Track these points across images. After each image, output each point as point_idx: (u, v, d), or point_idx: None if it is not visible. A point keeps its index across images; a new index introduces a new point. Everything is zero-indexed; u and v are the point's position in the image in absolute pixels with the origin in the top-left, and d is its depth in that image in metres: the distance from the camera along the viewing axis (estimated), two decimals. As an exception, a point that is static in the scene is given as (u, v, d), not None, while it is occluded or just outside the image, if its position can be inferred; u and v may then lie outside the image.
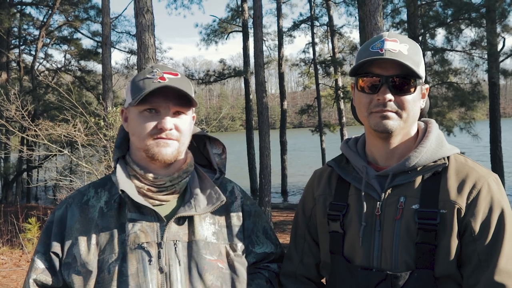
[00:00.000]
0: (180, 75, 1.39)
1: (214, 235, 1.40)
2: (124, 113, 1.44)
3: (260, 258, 1.52)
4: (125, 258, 1.31)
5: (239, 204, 1.52)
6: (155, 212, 1.34)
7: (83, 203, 1.42)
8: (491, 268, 1.19)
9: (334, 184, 1.46)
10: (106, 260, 1.32)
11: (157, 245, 1.32)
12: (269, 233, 1.57)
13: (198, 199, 1.40)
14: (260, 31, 11.22)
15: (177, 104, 1.36)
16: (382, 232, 1.30)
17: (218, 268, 1.36)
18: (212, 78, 20.14)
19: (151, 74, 1.36)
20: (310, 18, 21.16)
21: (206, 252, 1.36)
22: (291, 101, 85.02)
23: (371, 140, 1.40)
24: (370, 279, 1.28)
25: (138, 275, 1.28)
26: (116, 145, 1.48)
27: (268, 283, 1.50)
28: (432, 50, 13.58)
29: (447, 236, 1.23)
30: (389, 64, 1.27)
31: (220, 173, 1.54)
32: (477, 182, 1.26)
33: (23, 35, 20.33)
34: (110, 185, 1.44)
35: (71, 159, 8.60)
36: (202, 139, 1.58)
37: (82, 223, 1.37)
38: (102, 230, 1.35)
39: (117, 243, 1.33)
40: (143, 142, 1.36)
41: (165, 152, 1.35)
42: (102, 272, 1.31)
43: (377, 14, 6.88)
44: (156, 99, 1.33)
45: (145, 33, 7.19)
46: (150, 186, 1.38)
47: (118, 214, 1.37)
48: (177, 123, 1.36)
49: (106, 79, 11.86)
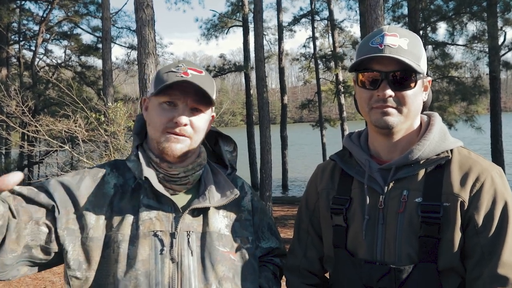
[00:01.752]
0: (204, 73, 1.41)
1: (227, 228, 1.43)
2: (146, 102, 1.46)
3: (266, 253, 1.56)
4: (136, 242, 1.30)
5: (249, 199, 1.55)
6: (173, 203, 1.36)
7: (99, 177, 1.42)
8: (494, 260, 1.19)
9: (337, 178, 1.46)
10: (112, 238, 1.31)
11: (170, 235, 1.33)
12: (274, 229, 1.62)
13: (212, 191, 1.42)
14: (261, 25, 11.20)
15: (195, 101, 1.37)
16: (385, 226, 1.30)
17: (230, 259, 1.38)
18: (212, 73, 20.07)
19: (176, 68, 1.39)
20: (311, 12, 21.11)
21: (219, 243, 1.38)
22: (292, 96, 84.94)
23: (373, 134, 1.40)
24: (373, 273, 1.29)
25: (149, 262, 1.29)
26: (135, 132, 1.50)
27: (273, 276, 1.54)
28: (433, 44, 13.54)
29: (451, 229, 1.23)
30: (389, 60, 1.27)
31: (232, 169, 1.57)
32: (481, 175, 1.26)
33: (22, 30, 20.28)
34: (124, 170, 1.45)
35: (72, 154, 8.60)
36: (214, 136, 1.61)
37: (96, 196, 1.37)
38: (114, 209, 1.35)
39: (126, 225, 1.33)
40: (157, 133, 1.38)
41: (175, 148, 1.36)
42: (107, 248, 1.31)
43: (378, 8, 6.85)
44: (175, 93, 1.36)
45: (145, 28, 7.17)
46: (165, 175, 1.39)
47: (131, 198, 1.38)
48: (193, 120, 1.38)
49: (106, 75, 11.85)
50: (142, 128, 1.50)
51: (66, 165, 10.89)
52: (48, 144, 8.61)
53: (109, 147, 7.28)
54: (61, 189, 1.35)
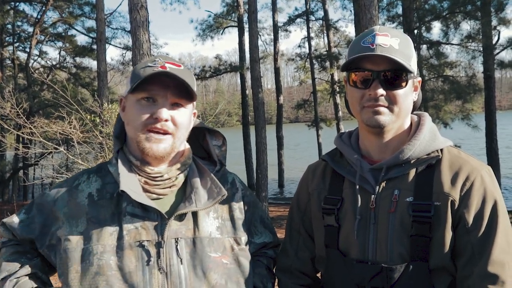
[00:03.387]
0: (183, 67, 1.34)
1: (218, 230, 1.36)
2: (123, 102, 1.38)
3: (259, 248, 1.52)
4: (120, 253, 1.25)
5: (240, 196, 1.48)
6: (158, 211, 1.29)
7: (73, 187, 1.36)
8: (485, 259, 1.20)
9: (329, 178, 1.46)
10: (90, 250, 1.25)
11: (157, 244, 1.27)
12: (266, 222, 1.57)
13: (198, 193, 1.35)
14: (255, 26, 11.20)
15: (175, 95, 1.30)
16: (377, 225, 1.31)
17: (222, 264, 1.32)
18: (208, 74, 20.05)
19: (152, 62, 1.31)
20: (306, 12, 21.14)
21: (211, 249, 1.32)
22: (287, 96, 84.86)
23: (364, 134, 1.40)
24: (365, 272, 1.29)
25: (137, 274, 1.23)
26: (115, 135, 1.41)
27: (267, 270, 1.50)
28: (428, 44, 13.59)
29: (441, 228, 1.24)
30: (380, 59, 1.27)
31: (221, 165, 1.50)
32: (470, 174, 1.26)
33: (17, 32, 20.19)
34: (104, 173, 1.38)
35: (67, 156, 8.57)
36: (202, 131, 1.54)
37: (70, 208, 1.32)
38: (90, 219, 1.29)
39: (106, 235, 1.26)
40: (136, 133, 1.30)
41: (157, 149, 1.29)
42: (84, 261, 1.24)
43: (372, 8, 6.87)
44: (154, 88, 1.28)
45: (140, 29, 7.16)
46: (147, 179, 1.33)
47: (111, 205, 1.31)
48: (174, 115, 1.30)
49: (101, 76, 11.80)
50: (123, 131, 1.41)
51: (61, 167, 10.85)
52: (43, 146, 8.58)
53: (104, 149, 7.26)
54: (39, 214, 1.37)
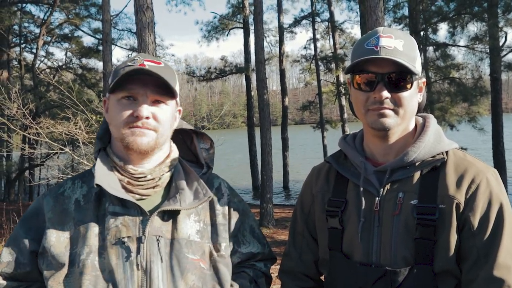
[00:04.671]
0: (163, 64, 1.33)
1: (198, 233, 1.34)
2: (106, 103, 1.38)
3: (246, 258, 1.47)
4: (103, 253, 1.25)
5: (225, 202, 1.45)
6: (138, 206, 1.28)
7: (59, 194, 1.37)
8: (490, 263, 1.19)
9: (333, 180, 1.45)
10: (78, 253, 1.25)
11: (137, 239, 1.26)
12: (257, 232, 1.52)
13: (183, 193, 1.34)
14: (261, 27, 11.20)
15: (155, 92, 1.30)
16: (381, 228, 1.29)
17: (200, 268, 1.30)
18: (213, 75, 20.12)
19: (132, 61, 1.32)
20: (311, 14, 21.14)
21: (189, 251, 1.30)
22: (293, 98, 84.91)
23: (369, 136, 1.39)
24: (369, 275, 1.28)
25: (117, 271, 1.23)
26: (98, 136, 1.42)
27: (252, 283, 1.45)
28: (434, 45, 13.54)
29: (446, 232, 1.23)
30: (385, 61, 1.26)
31: (208, 168, 1.48)
32: (476, 176, 1.25)
33: (23, 33, 20.36)
34: (89, 178, 1.38)
35: (72, 157, 8.61)
36: (190, 134, 1.53)
37: (55, 213, 1.33)
38: (77, 224, 1.30)
39: (92, 236, 1.27)
40: (119, 131, 1.30)
41: (140, 142, 1.29)
42: (73, 266, 1.25)
43: (378, 9, 6.85)
44: (133, 87, 1.28)
45: (145, 31, 7.18)
46: (130, 179, 1.33)
47: (95, 207, 1.31)
48: (155, 112, 1.30)
49: (107, 77, 11.84)
50: (106, 132, 1.42)
51: (67, 168, 10.91)
52: (49, 146, 8.63)
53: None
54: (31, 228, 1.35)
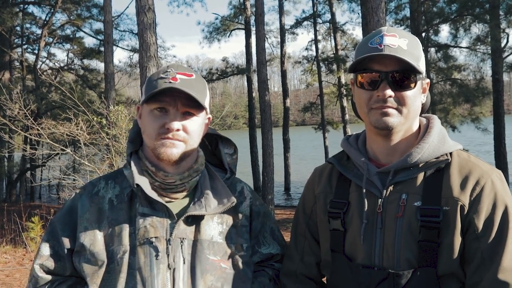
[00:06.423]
0: (195, 76, 1.39)
1: (220, 235, 1.41)
2: (139, 110, 1.46)
3: (265, 258, 1.53)
4: (134, 252, 1.33)
5: (247, 205, 1.52)
6: (167, 209, 1.36)
7: (94, 193, 1.44)
8: (495, 266, 1.17)
9: (335, 182, 1.43)
10: (115, 251, 1.34)
11: (166, 241, 1.34)
12: (277, 234, 1.58)
13: (208, 198, 1.41)
14: (262, 28, 11.20)
15: (186, 105, 1.36)
16: (384, 230, 1.28)
17: (220, 268, 1.37)
18: (214, 76, 20.10)
19: (165, 73, 1.37)
20: (313, 15, 21.12)
21: (210, 252, 1.37)
22: (294, 99, 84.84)
23: (372, 136, 1.37)
24: (371, 278, 1.26)
25: (145, 269, 1.31)
26: (130, 139, 1.50)
27: (271, 281, 1.50)
28: (436, 47, 13.52)
29: (450, 234, 1.21)
30: (389, 59, 1.25)
31: (231, 173, 1.55)
32: (481, 178, 1.23)
33: (25, 34, 20.40)
34: (121, 179, 1.46)
35: (74, 158, 8.61)
36: (215, 139, 1.60)
37: (92, 213, 1.40)
38: (111, 222, 1.38)
39: (126, 236, 1.35)
40: (151, 141, 1.38)
41: (171, 152, 1.35)
42: (112, 262, 1.33)
43: (379, 10, 6.85)
44: (165, 99, 1.35)
45: (147, 32, 7.19)
46: (161, 183, 1.40)
47: (128, 208, 1.39)
48: (185, 124, 1.37)
49: (108, 78, 11.87)
50: (137, 135, 1.49)
51: (68, 168, 10.92)
52: (51, 147, 8.64)
53: (110, 150, 7.28)
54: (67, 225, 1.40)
